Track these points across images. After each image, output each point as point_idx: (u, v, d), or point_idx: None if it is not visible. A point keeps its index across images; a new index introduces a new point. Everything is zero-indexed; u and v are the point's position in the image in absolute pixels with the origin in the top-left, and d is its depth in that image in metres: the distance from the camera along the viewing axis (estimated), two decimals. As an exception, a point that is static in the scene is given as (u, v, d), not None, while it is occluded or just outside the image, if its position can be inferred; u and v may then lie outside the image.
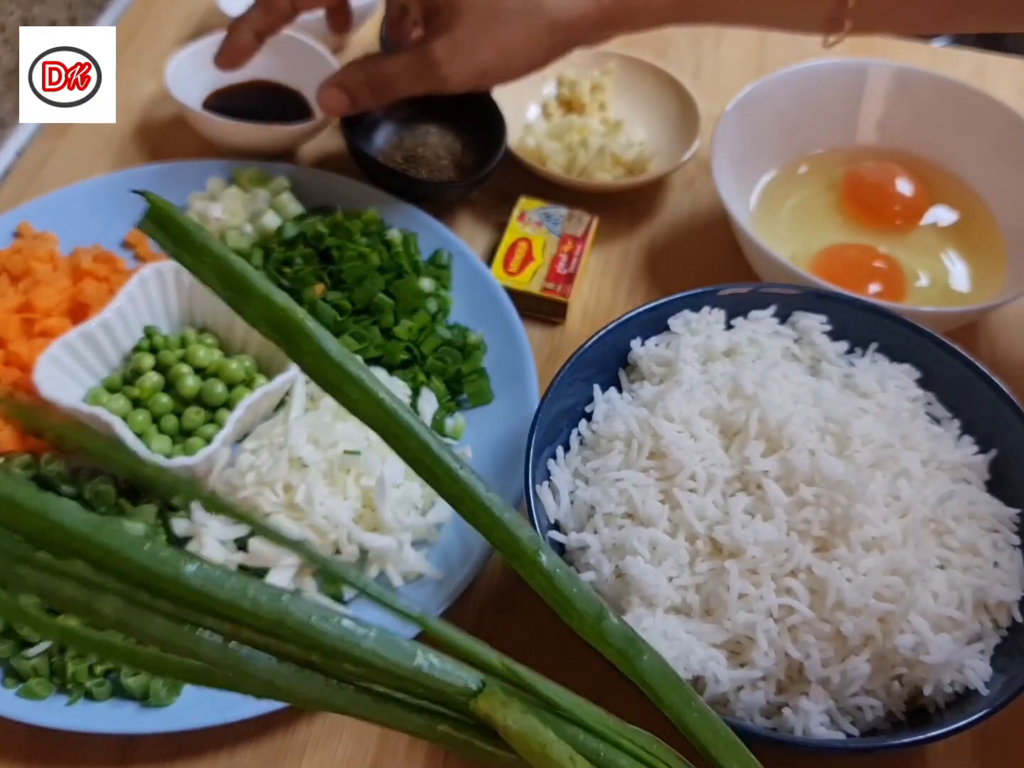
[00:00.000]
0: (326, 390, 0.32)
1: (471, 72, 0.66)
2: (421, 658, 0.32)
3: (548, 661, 0.58)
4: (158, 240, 0.30)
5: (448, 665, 0.33)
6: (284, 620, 0.30)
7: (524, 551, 0.34)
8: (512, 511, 0.34)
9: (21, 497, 0.27)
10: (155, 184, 0.78)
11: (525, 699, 0.34)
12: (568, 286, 0.73)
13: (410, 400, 0.66)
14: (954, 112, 0.78)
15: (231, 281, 0.31)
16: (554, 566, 0.34)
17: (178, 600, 0.29)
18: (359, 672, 0.32)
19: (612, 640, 0.35)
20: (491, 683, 0.33)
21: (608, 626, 0.35)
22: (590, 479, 0.56)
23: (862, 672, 0.49)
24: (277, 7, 0.69)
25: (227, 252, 0.30)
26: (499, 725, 0.33)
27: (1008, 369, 0.71)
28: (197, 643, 0.30)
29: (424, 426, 0.33)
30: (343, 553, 0.58)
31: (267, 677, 0.31)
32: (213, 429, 0.63)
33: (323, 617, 0.31)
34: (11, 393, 0.65)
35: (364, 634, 0.31)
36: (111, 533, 0.28)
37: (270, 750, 0.55)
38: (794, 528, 0.52)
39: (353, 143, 0.78)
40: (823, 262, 0.73)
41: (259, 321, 0.31)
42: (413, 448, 0.32)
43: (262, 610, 0.30)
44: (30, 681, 0.54)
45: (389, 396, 0.32)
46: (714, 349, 0.60)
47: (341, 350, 0.31)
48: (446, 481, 0.33)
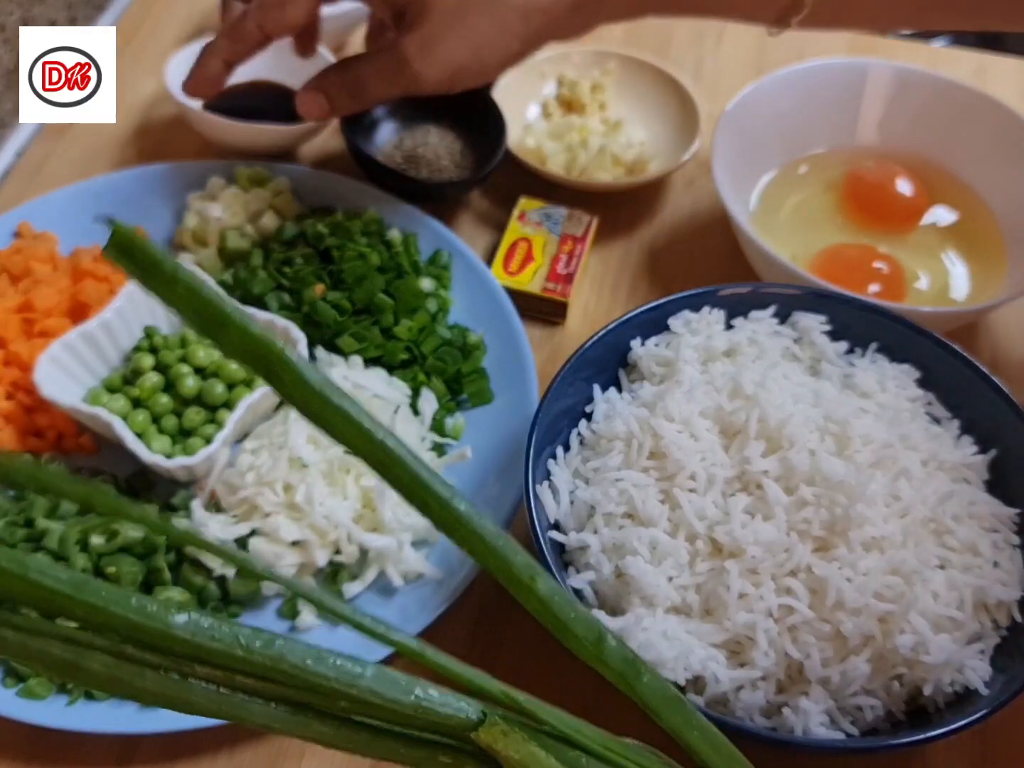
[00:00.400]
0: (310, 420, 0.31)
1: (444, 69, 0.63)
2: (419, 692, 0.32)
3: (548, 661, 0.58)
4: (125, 269, 0.28)
5: (447, 697, 0.33)
6: (278, 665, 0.30)
7: (519, 578, 0.34)
8: (506, 537, 0.34)
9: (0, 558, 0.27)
10: (155, 184, 0.78)
11: (526, 725, 0.34)
12: (568, 286, 0.73)
13: (410, 400, 0.66)
14: (954, 112, 0.78)
15: (205, 312, 0.29)
16: (551, 592, 0.34)
17: (168, 651, 0.29)
18: (356, 708, 0.31)
19: (612, 663, 0.35)
20: (491, 713, 0.33)
21: (607, 649, 0.35)
22: (590, 479, 0.56)
23: (862, 672, 0.49)
24: (246, 35, 0.66)
25: (199, 281, 0.28)
26: (501, 756, 0.33)
27: (1008, 369, 0.71)
28: (190, 692, 0.30)
29: (412, 455, 0.32)
30: (343, 553, 0.58)
31: (263, 720, 0.31)
32: (213, 429, 0.63)
33: (318, 659, 0.30)
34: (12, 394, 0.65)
35: (360, 673, 0.31)
36: (95, 591, 0.28)
37: (270, 750, 0.55)
38: (794, 528, 0.52)
39: (353, 143, 0.78)
40: (823, 262, 0.73)
41: (236, 353, 0.29)
42: (402, 477, 0.32)
43: (256, 657, 0.30)
44: (30, 681, 0.54)
45: (375, 425, 0.31)
46: (714, 349, 0.60)
47: (323, 379, 0.30)
48: (437, 510, 0.33)
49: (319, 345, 0.67)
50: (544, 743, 0.33)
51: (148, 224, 0.76)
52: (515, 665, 0.58)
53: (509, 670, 0.58)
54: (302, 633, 0.57)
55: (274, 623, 0.58)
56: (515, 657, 0.59)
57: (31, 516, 0.58)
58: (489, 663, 0.58)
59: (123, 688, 0.29)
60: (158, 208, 0.77)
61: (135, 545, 0.57)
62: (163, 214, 0.77)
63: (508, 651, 0.59)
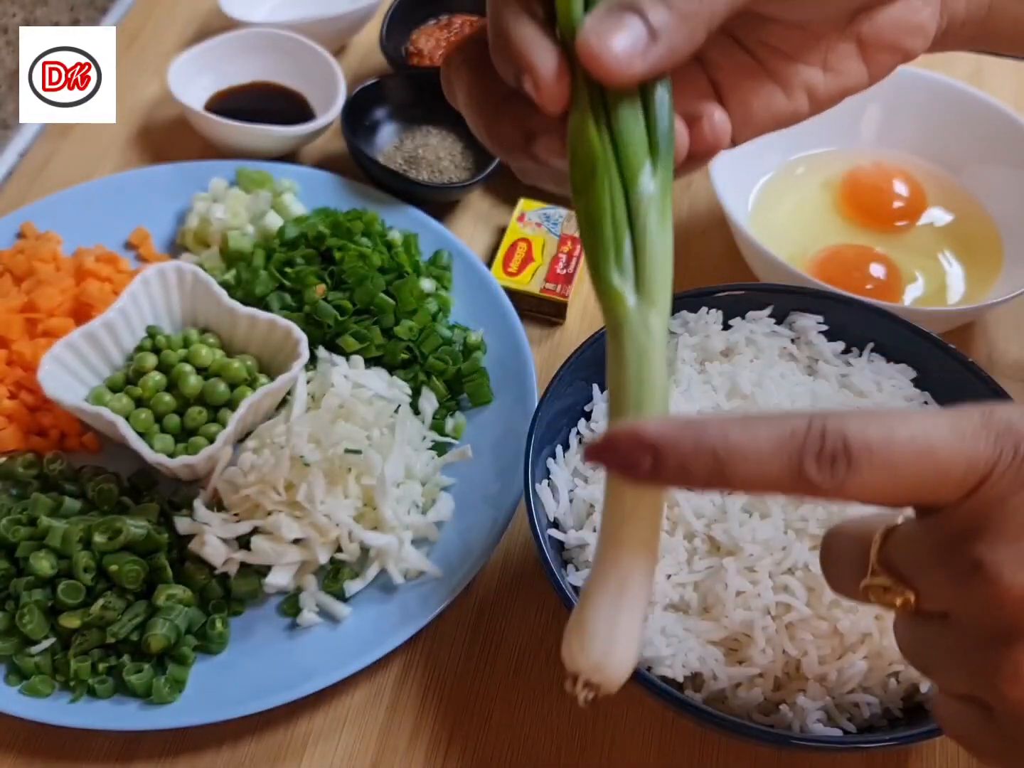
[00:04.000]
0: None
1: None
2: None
3: (547, 660, 0.59)
4: None
5: None
6: None
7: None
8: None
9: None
10: (157, 185, 0.78)
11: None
12: (567, 286, 0.74)
13: (410, 400, 0.66)
14: (951, 113, 0.79)
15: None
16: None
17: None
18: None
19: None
20: None
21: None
22: (589, 477, 0.57)
23: (859, 669, 0.49)
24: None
25: None
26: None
27: (1004, 369, 0.72)
28: None
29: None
30: (344, 551, 0.59)
31: None
32: (215, 428, 0.63)
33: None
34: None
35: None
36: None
37: (271, 746, 0.55)
38: (791, 526, 0.52)
39: (354, 145, 0.79)
40: (820, 262, 0.74)
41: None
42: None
43: None
44: (33, 678, 0.55)
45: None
46: (712, 349, 0.61)
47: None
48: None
49: (320, 345, 0.67)
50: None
51: (151, 225, 0.77)
52: (514, 664, 0.58)
53: (508, 668, 0.58)
54: (303, 630, 0.58)
55: (275, 620, 0.59)
56: (514, 656, 0.59)
57: (34, 514, 0.59)
58: (489, 662, 0.59)
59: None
60: (161, 209, 0.77)
61: (138, 543, 0.57)
62: (166, 215, 0.78)
63: (507, 650, 0.59)
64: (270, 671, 0.56)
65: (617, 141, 0.34)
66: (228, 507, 0.60)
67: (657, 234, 0.34)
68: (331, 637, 0.58)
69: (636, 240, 0.34)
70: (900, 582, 0.31)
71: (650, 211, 0.34)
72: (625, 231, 0.34)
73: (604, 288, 0.34)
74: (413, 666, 0.58)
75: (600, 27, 0.33)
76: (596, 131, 0.35)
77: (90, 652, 0.56)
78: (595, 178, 0.34)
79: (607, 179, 0.35)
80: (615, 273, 0.34)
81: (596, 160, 0.35)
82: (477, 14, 0.91)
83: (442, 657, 0.59)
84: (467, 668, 0.58)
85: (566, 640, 0.33)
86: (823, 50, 0.42)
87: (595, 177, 0.34)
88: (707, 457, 0.29)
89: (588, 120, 0.35)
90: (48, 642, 0.56)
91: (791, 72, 0.42)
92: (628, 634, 0.32)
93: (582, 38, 0.33)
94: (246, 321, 0.67)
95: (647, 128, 0.35)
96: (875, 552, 0.31)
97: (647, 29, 0.34)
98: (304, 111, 0.84)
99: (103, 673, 0.55)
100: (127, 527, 0.56)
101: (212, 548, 0.58)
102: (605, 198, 0.34)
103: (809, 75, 0.42)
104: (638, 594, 0.32)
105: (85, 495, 0.61)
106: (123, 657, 0.55)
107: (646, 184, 0.34)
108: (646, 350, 0.33)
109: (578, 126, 0.35)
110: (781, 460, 0.29)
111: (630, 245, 0.34)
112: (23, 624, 0.55)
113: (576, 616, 0.33)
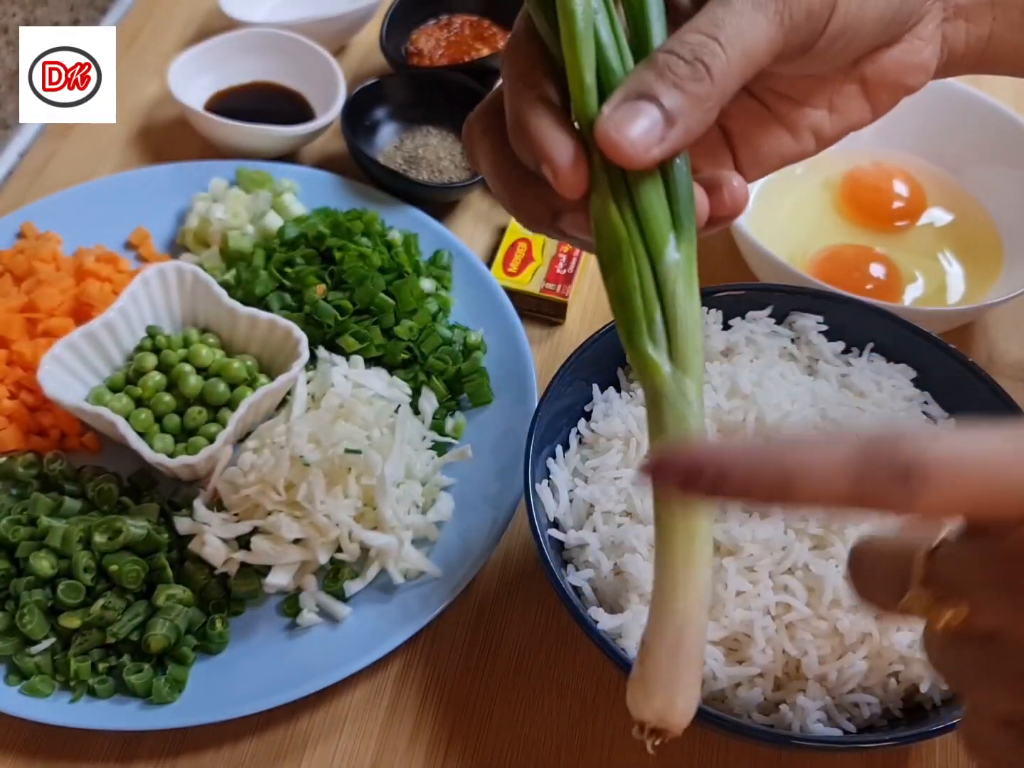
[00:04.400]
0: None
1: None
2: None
3: (547, 660, 0.59)
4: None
5: None
6: None
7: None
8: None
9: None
10: (158, 185, 0.78)
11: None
12: (567, 286, 0.74)
13: (411, 399, 0.66)
14: (951, 114, 0.79)
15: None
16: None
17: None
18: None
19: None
20: None
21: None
22: (589, 477, 0.57)
23: (859, 669, 0.49)
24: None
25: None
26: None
27: (1004, 369, 0.72)
28: None
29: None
30: (344, 551, 0.59)
31: None
32: (215, 428, 0.63)
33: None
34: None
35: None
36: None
37: (272, 746, 0.55)
38: (791, 526, 0.52)
39: (354, 145, 0.79)
40: (820, 262, 0.74)
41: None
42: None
43: None
44: (33, 678, 0.55)
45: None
46: (712, 349, 0.61)
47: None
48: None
49: (320, 345, 0.67)
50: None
51: (151, 225, 0.77)
52: (514, 664, 0.58)
53: (508, 668, 0.59)
54: (303, 630, 0.58)
55: (275, 620, 0.59)
56: (514, 656, 0.59)
57: (34, 514, 0.59)
58: (489, 662, 0.59)
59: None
60: (161, 209, 0.77)
61: (138, 543, 0.57)
62: (166, 215, 0.78)
63: (507, 649, 0.59)
64: (270, 671, 0.56)
65: (640, 219, 0.35)
66: (228, 507, 0.60)
67: (686, 302, 0.35)
68: (331, 637, 0.58)
69: (666, 311, 0.35)
70: (948, 597, 0.30)
71: (677, 281, 0.35)
72: (655, 303, 0.35)
73: (640, 359, 0.36)
74: (413, 666, 0.58)
75: (617, 116, 0.34)
76: (618, 213, 0.36)
77: (90, 652, 0.56)
78: (621, 258, 0.35)
79: (633, 257, 0.36)
80: (649, 344, 0.35)
81: (621, 241, 0.36)
82: (477, 14, 0.92)
83: (442, 657, 0.59)
84: (467, 668, 0.58)
85: (631, 691, 0.35)
86: (828, 93, 0.43)
87: (621, 257, 0.35)
88: (773, 470, 0.28)
89: (610, 203, 0.36)
90: (48, 642, 0.56)
91: (798, 116, 0.43)
92: (689, 681, 0.34)
93: (601, 128, 0.34)
94: (246, 321, 0.67)
95: (668, 201, 0.36)
96: (921, 567, 0.31)
97: (663, 115, 0.34)
98: (304, 111, 0.84)
99: (103, 673, 0.55)
100: (127, 527, 0.56)
101: (212, 548, 0.58)
102: (633, 276, 0.36)
103: (816, 117, 0.43)
104: (696, 641, 0.34)
105: (85, 495, 0.61)
106: (123, 657, 0.55)
107: (671, 256, 0.35)
108: (684, 416, 0.35)
109: (600, 209, 0.36)
110: (850, 474, 0.28)
111: (661, 316, 0.35)
112: (23, 624, 0.55)
113: (638, 668, 0.34)
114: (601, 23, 0.36)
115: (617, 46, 0.36)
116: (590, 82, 0.35)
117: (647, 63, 0.35)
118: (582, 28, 0.35)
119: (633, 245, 0.36)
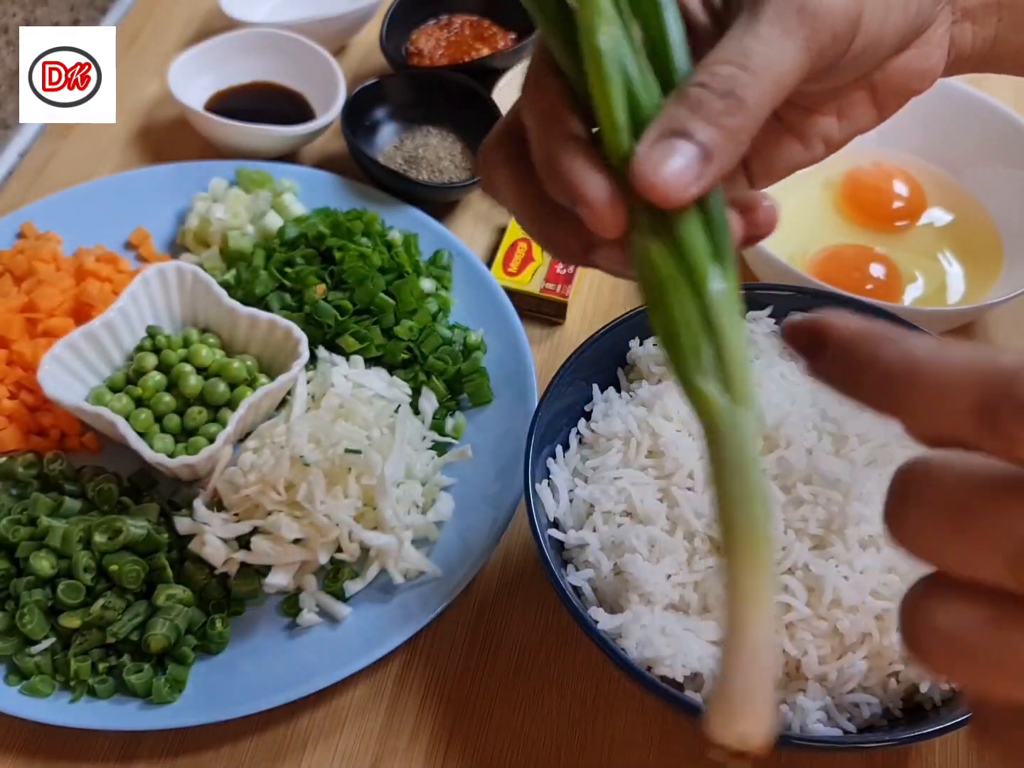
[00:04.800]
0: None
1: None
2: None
3: (547, 660, 0.59)
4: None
5: None
6: None
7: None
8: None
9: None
10: (158, 185, 0.78)
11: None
12: (567, 286, 0.74)
13: (411, 399, 0.66)
14: (951, 114, 0.79)
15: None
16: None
17: None
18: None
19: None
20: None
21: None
22: (589, 477, 0.57)
23: (859, 669, 0.49)
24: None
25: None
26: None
27: (1004, 369, 0.72)
28: None
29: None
30: (344, 551, 0.59)
31: None
32: (215, 428, 0.63)
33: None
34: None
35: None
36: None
37: (272, 745, 0.55)
38: (791, 526, 0.52)
39: (354, 145, 0.79)
40: (820, 262, 0.74)
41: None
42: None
43: None
44: (33, 678, 0.55)
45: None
46: (712, 349, 0.60)
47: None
48: None
49: (320, 345, 0.67)
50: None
51: (151, 225, 0.77)
52: (514, 663, 0.59)
53: (508, 668, 0.59)
54: (303, 630, 0.58)
55: (275, 620, 0.59)
56: (514, 655, 0.59)
57: (34, 514, 0.59)
58: (489, 662, 0.59)
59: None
60: (161, 209, 0.77)
61: (138, 543, 0.57)
62: (166, 215, 0.78)
63: (507, 649, 0.59)
64: (270, 671, 0.56)
65: (682, 254, 0.35)
66: (228, 507, 0.60)
67: (734, 331, 0.35)
68: (331, 637, 0.58)
69: (716, 343, 0.35)
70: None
71: (723, 312, 0.35)
72: (703, 337, 0.35)
73: (694, 394, 0.35)
74: (413, 666, 0.58)
75: (653, 155, 0.33)
76: (659, 251, 0.35)
77: (90, 652, 0.56)
78: (666, 296, 0.35)
79: (677, 295, 0.35)
80: (701, 378, 0.35)
81: (664, 280, 0.35)
82: (477, 14, 0.92)
83: (442, 657, 0.59)
84: (467, 668, 0.58)
85: (711, 716, 0.34)
86: (838, 100, 0.43)
87: (665, 295, 0.35)
88: (902, 359, 0.26)
89: (649, 240, 0.35)
90: (48, 642, 0.56)
91: (808, 124, 0.43)
92: (766, 700, 0.33)
93: (637, 168, 0.33)
94: (246, 321, 0.67)
95: (706, 233, 0.35)
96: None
97: (699, 151, 0.34)
98: (304, 111, 0.84)
99: (103, 673, 0.55)
100: (127, 527, 0.56)
101: (212, 548, 0.58)
102: (678, 312, 0.35)
103: (825, 124, 0.43)
104: (768, 661, 0.33)
105: (85, 495, 0.61)
106: (123, 657, 0.55)
107: (715, 287, 0.35)
108: (743, 449, 0.34)
109: (641, 249, 0.35)
110: (973, 394, 0.24)
111: (711, 349, 0.35)
112: (23, 624, 0.55)
113: (718, 692, 0.34)
114: (627, 56, 0.35)
115: (643, 78, 0.35)
116: (622, 122, 0.35)
117: (679, 97, 0.35)
118: (611, 68, 0.34)
119: (676, 283, 0.35)
